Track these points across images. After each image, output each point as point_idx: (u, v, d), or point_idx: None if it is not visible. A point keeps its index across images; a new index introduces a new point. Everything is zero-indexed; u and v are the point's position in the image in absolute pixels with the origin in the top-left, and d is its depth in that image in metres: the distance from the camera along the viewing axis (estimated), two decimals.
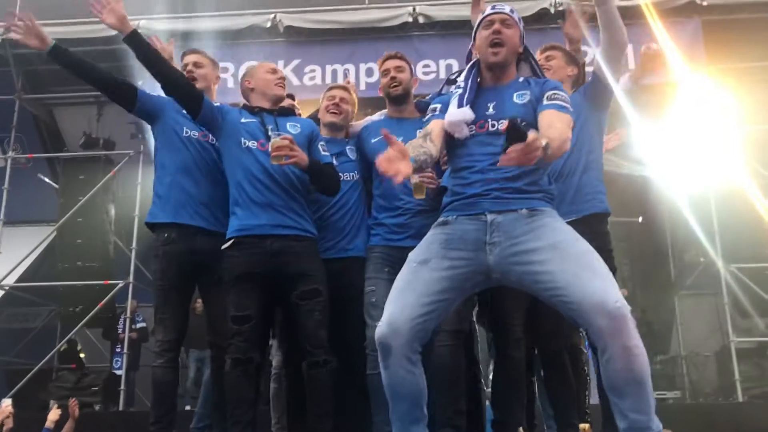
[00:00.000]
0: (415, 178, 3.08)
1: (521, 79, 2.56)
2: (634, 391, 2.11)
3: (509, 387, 3.14)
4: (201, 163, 3.32)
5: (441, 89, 3.26)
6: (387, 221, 3.26)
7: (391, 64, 3.44)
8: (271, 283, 3.09)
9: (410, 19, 7.30)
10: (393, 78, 3.40)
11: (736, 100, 6.69)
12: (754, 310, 7.74)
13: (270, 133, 3.14)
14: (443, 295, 2.36)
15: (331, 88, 3.63)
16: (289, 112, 3.39)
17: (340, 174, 3.30)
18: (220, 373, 3.12)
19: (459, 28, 7.37)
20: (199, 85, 3.39)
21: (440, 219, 2.50)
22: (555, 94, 2.44)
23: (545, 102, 2.43)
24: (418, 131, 3.27)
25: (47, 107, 8.81)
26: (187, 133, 3.34)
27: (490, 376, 3.33)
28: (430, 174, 3.12)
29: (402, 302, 2.33)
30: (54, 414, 4.71)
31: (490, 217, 2.36)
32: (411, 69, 3.51)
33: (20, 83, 8.05)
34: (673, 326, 8.06)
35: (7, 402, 5.06)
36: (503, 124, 2.20)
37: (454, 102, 2.50)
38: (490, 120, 2.46)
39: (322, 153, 3.25)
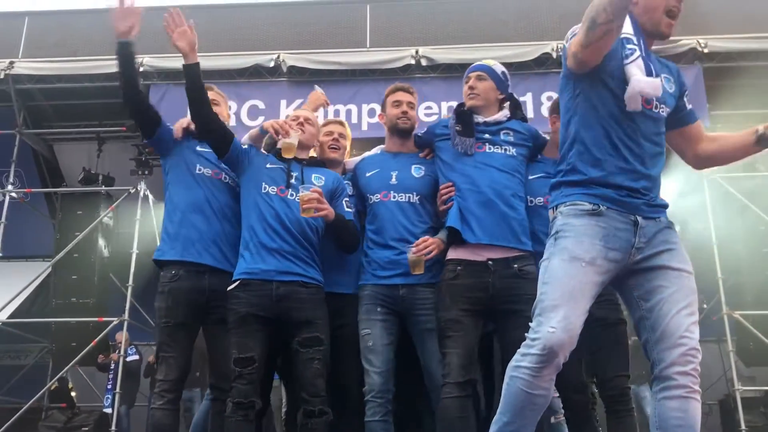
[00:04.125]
0: (412, 254, 3.01)
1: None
2: None
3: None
4: (212, 201, 3.27)
5: (449, 123, 3.20)
6: (377, 257, 3.19)
7: (405, 98, 3.41)
8: (274, 328, 3.03)
9: (413, 62, 7.33)
10: (405, 113, 3.38)
11: None
12: (759, 358, 7.61)
13: (293, 181, 3.14)
14: (592, 302, 2.20)
15: (327, 123, 3.60)
16: (318, 164, 3.38)
17: None
18: (220, 418, 3.00)
19: (461, 70, 7.35)
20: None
21: (587, 204, 2.23)
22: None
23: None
24: (413, 166, 3.31)
25: (47, 142, 8.81)
26: (200, 170, 3.31)
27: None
28: (425, 245, 3.01)
29: (575, 307, 2.13)
30: None
31: (639, 219, 2.23)
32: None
33: (21, 118, 8.03)
34: None
35: None
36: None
37: (637, 66, 2.19)
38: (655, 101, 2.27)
39: (345, 209, 3.22)
